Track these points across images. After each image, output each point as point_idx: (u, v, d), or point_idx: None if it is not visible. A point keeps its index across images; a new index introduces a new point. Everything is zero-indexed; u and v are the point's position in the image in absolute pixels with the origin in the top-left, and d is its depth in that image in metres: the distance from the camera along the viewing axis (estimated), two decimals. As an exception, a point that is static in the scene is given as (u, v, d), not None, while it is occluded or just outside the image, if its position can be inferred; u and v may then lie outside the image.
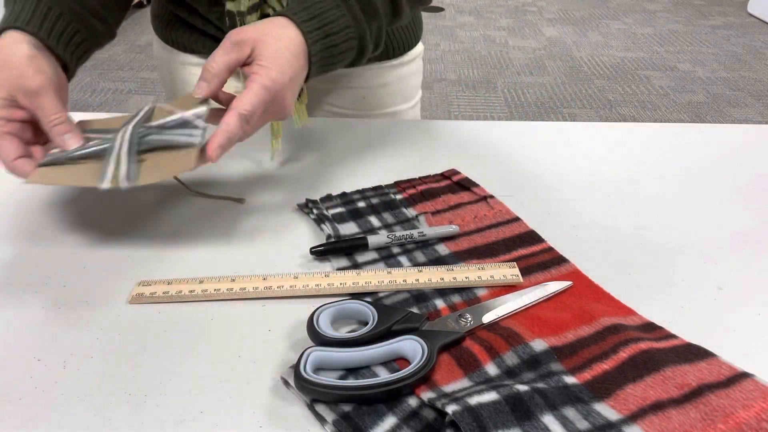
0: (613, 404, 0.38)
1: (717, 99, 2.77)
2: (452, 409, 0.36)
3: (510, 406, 0.36)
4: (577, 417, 0.37)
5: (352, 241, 0.52)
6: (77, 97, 2.80)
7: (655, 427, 0.36)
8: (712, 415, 0.37)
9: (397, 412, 0.38)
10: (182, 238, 0.55)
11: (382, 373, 0.40)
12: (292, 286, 0.48)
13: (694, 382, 0.39)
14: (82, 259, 0.53)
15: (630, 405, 0.38)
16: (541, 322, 0.44)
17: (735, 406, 0.37)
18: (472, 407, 0.36)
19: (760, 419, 0.37)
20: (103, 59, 3.22)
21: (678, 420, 0.37)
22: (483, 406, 0.36)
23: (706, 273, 0.51)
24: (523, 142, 0.71)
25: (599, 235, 0.56)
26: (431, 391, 0.39)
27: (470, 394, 0.37)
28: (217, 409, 0.39)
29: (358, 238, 0.53)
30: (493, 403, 0.36)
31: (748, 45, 3.41)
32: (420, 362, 0.39)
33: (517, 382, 0.39)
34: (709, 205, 0.60)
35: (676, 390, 0.38)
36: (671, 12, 3.99)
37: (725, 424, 0.36)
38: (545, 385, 0.39)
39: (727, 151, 0.70)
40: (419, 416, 0.38)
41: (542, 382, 0.39)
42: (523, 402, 0.37)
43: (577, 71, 3.08)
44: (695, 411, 0.37)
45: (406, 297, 0.47)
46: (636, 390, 0.38)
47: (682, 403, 0.38)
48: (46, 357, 0.43)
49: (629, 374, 0.39)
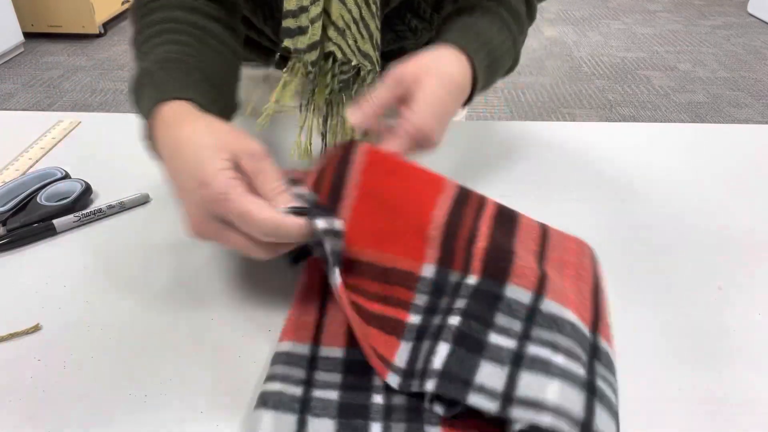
0: (518, 282, 0.41)
1: (717, 99, 2.77)
2: (430, 386, 0.36)
3: (464, 347, 0.38)
4: (508, 321, 0.39)
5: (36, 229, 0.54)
6: (77, 97, 2.80)
7: (556, 297, 0.40)
8: (559, 268, 0.43)
9: (376, 416, 0.38)
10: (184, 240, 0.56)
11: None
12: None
13: (534, 245, 0.45)
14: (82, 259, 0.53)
15: (530, 278, 0.41)
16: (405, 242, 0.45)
17: (562, 253, 0.45)
18: (440, 371, 0.37)
19: (579, 255, 0.47)
20: (103, 59, 3.22)
21: (559, 284, 0.41)
22: (447, 362, 0.37)
23: (706, 273, 0.51)
24: (523, 142, 0.71)
25: (599, 235, 0.55)
26: (394, 374, 0.39)
27: (426, 356, 0.38)
28: (217, 409, 0.39)
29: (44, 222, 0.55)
30: (450, 354, 0.37)
31: (748, 45, 3.41)
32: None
33: (443, 316, 0.40)
34: (708, 205, 0.60)
35: (533, 257, 0.44)
36: (671, 12, 3.99)
37: (570, 269, 0.44)
38: (463, 304, 0.40)
39: (727, 151, 0.70)
40: (397, 407, 0.38)
41: (457, 300, 0.41)
42: (467, 335, 0.38)
43: (577, 71, 3.08)
44: (553, 271, 0.43)
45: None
46: (525, 262, 0.43)
47: (542, 263, 0.44)
48: (46, 357, 0.43)
49: (502, 252, 0.43)
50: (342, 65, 0.56)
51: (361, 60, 0.55)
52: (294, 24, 0.53)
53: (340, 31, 0.54)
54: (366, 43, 0.55)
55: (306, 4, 0.52)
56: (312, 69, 0.55)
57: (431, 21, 0.69)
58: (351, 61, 0.55)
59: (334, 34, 0.54)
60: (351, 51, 0.55)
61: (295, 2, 0.53)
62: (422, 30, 0.70)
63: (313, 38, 0.53)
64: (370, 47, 0.55)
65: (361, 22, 0.54)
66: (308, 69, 0.55)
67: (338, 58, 0.55)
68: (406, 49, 0.73)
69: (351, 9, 0.53)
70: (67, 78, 3.01)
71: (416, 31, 0.70)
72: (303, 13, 0.53)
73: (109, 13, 3.54)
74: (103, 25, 3.51)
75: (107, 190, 0.62)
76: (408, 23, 0.69)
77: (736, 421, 0.38)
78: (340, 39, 0.54)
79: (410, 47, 0.73)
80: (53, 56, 3.27)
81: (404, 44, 0.72)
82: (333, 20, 0.53)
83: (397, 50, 0.73)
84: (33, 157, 0.68)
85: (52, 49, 3.35)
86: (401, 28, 0.69)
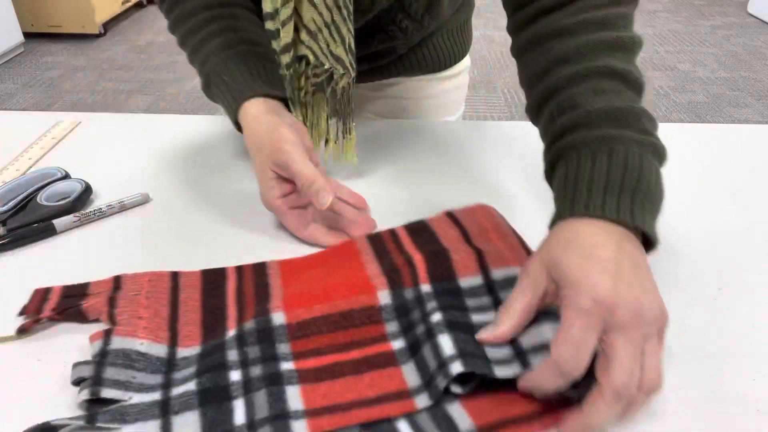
0: (464, 272, 0.45)
1: (717, 99, 2.77)
2: (457, 368, 0.37)
3: (460, 331, 0.40)
4: (477, 301, 0.43)
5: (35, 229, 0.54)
6: (77, 97, 2.80)
7: (498, 263, 0.46)
8: (484, 238, 0.49)
9: (238, 393, 0.38)
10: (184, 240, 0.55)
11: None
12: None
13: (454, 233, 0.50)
14: (82, 259, 0.53)
15: (471, 264, 0.45)
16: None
17: (476, 224, 0.51)
18: (456, 354, 0.38)
19: (489, 217, 0.52)
20: (103, 59, 3.22)
21: (493, 251, 0.47)
22: (456, 346, 0.38)
23: (706, 273, 0.51)
24: (523, 142, 0.71)
25: (599, 235, 0.56)
26: (418, 396, 0.38)
27: (434, 354, 0.39)
28: (217, 409, 0.39)
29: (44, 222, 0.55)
30: (454, 339, 0.39)
31: (748, 45, 3.41)
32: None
33: (423, 323, 0.41)
34: (708, 205, 0.60)
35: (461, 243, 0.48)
36: (671, 12, 3.99)
37: (491, 234, 0.49)
38: (434, 304, 0.42)
39: (727, 151, 0.70)
40: (255, 379, 0.39)
41: (428, 305, 0.42)
42: (455, 322, 0.40)
43: (577, 71, 3.08)
44: (482, 243, 0.48)
45: None
46: (459, 254, 0.46)
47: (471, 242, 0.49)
48: (46, 357, 0.43)
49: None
50: (314, 68, 0.57)
51: (333, 63, 0.56)
52: (273, 26, 0.55)
53: (312, 35, 0.55)
54: (338, 47, 0.55)
55: (278, 6, 0.53)
56: (287, 71, 0.57)
57: (422, 22, 0.70)
58: (324, 65, 0.56)
59: (306, 37, 0.55)
60: (323, 54, 0.56)
61: (270, 5, 0.54)
62: (413, 30, 0.70)
63: (285, 40, 0.55)
64: (342, 51, 0.55)
65: (333, 26, 0.54)
66: (283, 71, 0.57)
67: (311, 61, 0.56)
68: (396, 49, 0.73)
69: (322, 12, 0.53)
70: (67, 78, 3.01)
71: (407, 32, 0.70)
72: (277, 16, 0.54)
73: (109, 13, 3.54)
74: (103, 25, 3.51)
75: (107, 190, 0.62)
76: (399, 23, 0.69)
77: (736, 421, 0.38)
78: (312, 42, 0.55)
79: (400, 47, 0.73)
80: (53, 56, 3.27)
81: (394, 44, 0.72)
82: (305, 23, 0.54)
83: (387, 50, 0.73)
84: (33, 157, 0.68)
85: (52, 49, 3.35)
86: (392, 28, 0.69)
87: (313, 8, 0.53)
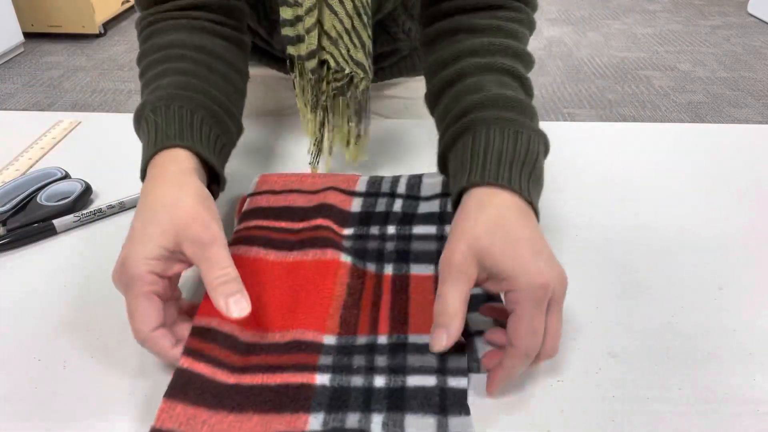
0: (416, 330, 0.43)
1: (717, 99, 2.77)
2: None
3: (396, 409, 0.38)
4: (419, 359, 0.41)
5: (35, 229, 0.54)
6: (77, 97, 2.80)
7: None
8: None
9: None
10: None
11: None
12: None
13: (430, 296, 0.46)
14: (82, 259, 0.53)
15: (425, 325, 0.43)
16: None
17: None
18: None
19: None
20: (103, 59, 3.22)
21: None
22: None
23: (706, 273, 0.51)
24: (523, 142, 0.71)
25: (599, 235, 0.56)
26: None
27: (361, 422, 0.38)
28: (217, 409, 0.39)
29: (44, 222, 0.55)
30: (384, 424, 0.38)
31: (748, 45, 3.41)
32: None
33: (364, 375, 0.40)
34: (708, 205, 0.60)
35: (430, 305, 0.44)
36: (671, 12, 3.99)
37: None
38: (383, 361, 0.41)
39: (727, 151, 0.70)
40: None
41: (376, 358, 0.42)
42: (394, 389, 0.39)
43: (577, 71, 3.08)
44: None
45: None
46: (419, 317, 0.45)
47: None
48: (46, 357, 0.43)
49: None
50: (335, 73, 0.57)
51: (354, 68, 0.57)
52: (293, 32, 0.55)
53: (333, 41, 0.55)
54: (359, 52, 0.56)
55: (301, 14, 0.54)
56: (312, 76, 0.57)
57: None
58: (344, 70, 0.57)
59: (327, 43, 0.56)
60: (344, 60, 0.56)
61: (291, 12, 0.54)
62: (416, 32, 0.70)
63: (311, 47, 0.55)
64: (362, 56, 0.56)
65: (353, 32, 0.55)
66: (309, 76, 0.57)
67: (332, 66, 0.57)
68: (400, 50, 0.74)
69: (343, 20, 0.54)
70: (67, 78, 3.01)
71: (410, 33, 0.71)
72: (299, 23, 0.54)
73: (109, 13, 3.54)
74: (103, 25, 3.51)
75: (107, 190, 0.62)
76: (402, 25, 0.69)
77: (736, 421, 0.38)
78: (333, 48, 0.56)
79: (404, 49, 0.74)
80: (53, 56, 3.27)
81: (398, 46, 0.73)
82: (326, 30, 0.55)
83: (391, 51, 0.74)
84: (33, 157, 0.68)
85: (52, 49, 3.36)
86: (395, 30, 0.70)
87: (334, 16, 0.54)
